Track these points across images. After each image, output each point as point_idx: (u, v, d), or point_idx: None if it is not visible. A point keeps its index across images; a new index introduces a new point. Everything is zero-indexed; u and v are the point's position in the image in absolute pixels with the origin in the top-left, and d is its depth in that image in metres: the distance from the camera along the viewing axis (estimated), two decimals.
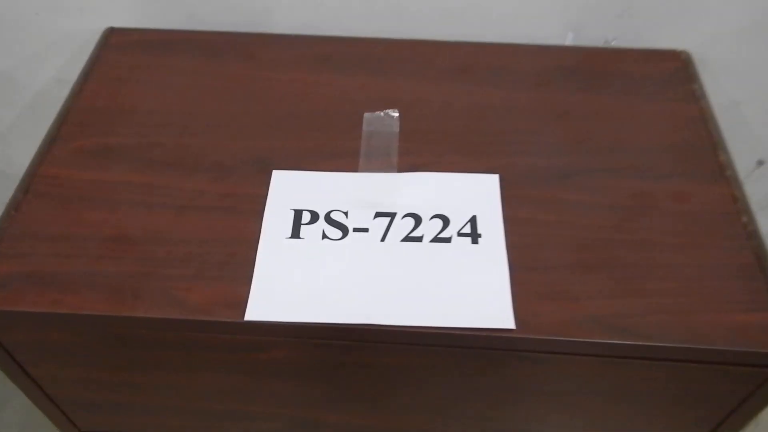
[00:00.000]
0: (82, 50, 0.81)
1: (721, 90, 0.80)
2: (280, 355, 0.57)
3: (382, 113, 0.67)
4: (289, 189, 0.62)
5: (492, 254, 0.56)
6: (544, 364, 0.55)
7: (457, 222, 0.59)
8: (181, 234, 0.58)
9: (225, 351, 0.57)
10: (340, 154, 0.64)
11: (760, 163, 0.97)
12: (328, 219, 0.59)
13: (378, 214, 0.59)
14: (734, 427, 0.60)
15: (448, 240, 0.57)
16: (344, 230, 0.58)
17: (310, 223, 0.59)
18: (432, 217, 0.59)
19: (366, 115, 0.67)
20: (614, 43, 0.79)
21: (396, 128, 0.66)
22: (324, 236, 0.58)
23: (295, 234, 0.58)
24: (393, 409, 0.64)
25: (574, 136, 0.66)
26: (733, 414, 0.58)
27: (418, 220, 0.59)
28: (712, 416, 0.60)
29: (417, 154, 0.64)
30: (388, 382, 0.60)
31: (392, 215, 0.59)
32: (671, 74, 0.72)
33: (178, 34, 0.77)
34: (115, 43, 0.77)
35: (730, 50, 0.81)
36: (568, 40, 0.79)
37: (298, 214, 0.59)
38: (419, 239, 0.58)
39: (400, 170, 0.63)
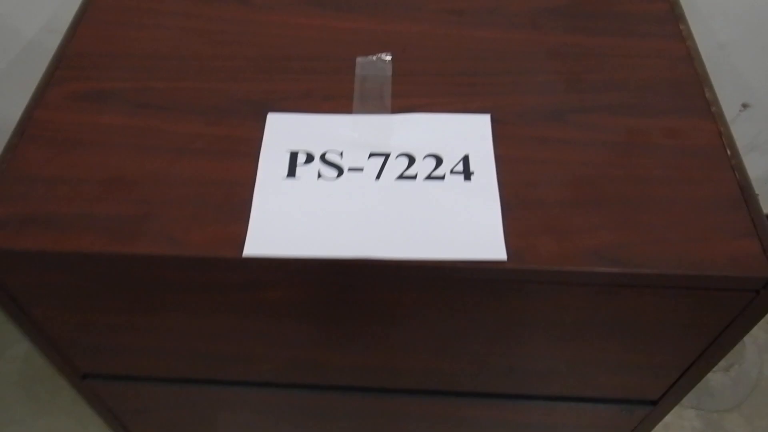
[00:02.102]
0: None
1: (708, 32, 0.81)
2: (278, 294, 0.58)
3: (374, 57, 0.67)
4: (284, 131, 0.62)
5: (484, 191, 0.57)
6: (538, 297, 0.57)
7: (450, 161, 0.60)
8: (178, 176, 0.59)
9: (223, 291, 0.58)
10: (333, 97, 0.65)
11: (745, 106, 0.98)
12: (324, 159, 0.60)
13: (372, 154, 0.60)
14: (720, 353, 0.63)
15: (441, 178, 0.58)
16: (339, 170, 0.59)
17: (306, 163, 0.59)
18: (425, 157, 0.60)
19: (359, 59, 0.67)
20: None
21: (389, 72, 0.66)
22: (320, 176, 0.59)
23: (291, 174, 0.59)
24: (391, 348, 0.66)
25: (566, 75, 0.67)
26: (718, 339, 0.60)
27: (411, 159, 0.60)
28: (698, 343, 0.62)
29: (410, 96, 0.65)
30: (385, 320, 0.62)
31: (386, 155, 0.60)
32: (660, 15, 0.73)
33: None
34: None
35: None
36: None
37: (293, 155, 0.60)
38: (413, 177, 0.58)
39: (394, 112, 0.63)
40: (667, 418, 1.03)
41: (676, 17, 0.73)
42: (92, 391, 0.78)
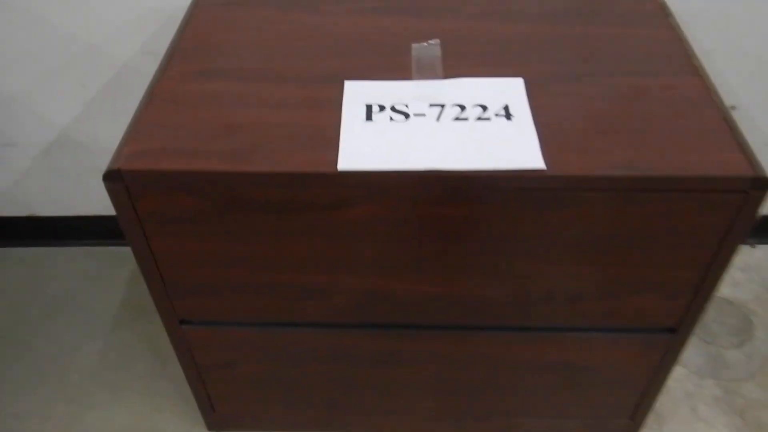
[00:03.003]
0: (168, 24, 0.99)
1: (693, 40, 0.98)
2: (361, 210, 0.72)
3: (426, 43, 0.84)
4: (359, 92, 0.78)
5: (523, 125, 0.72)
6: (570, 206, 0.71)
7: (494, 108, 0.75)
8: (277, 122, 0.74)
9: (316, 210, 0.72)
10: (395, 70, 0.81)
11: (732, 108, 1.14)
12: (393, 109, 0.75)
13: (431, 105, 0.76)
14: (723, 264, 0.75)
15: (488, 119, 0.74)
16: (407, 115, 0.74)
17: (379, 111, 0.75)
18: (474, 106, 0.76)
19: (413, 45, 0.84)
20: None
21: (438, 53, 0.83)
22: (391, 119, 0.74)
23: (369, 118, 0.74)
24: (450, 269, 0.79)
25: (578, 53, 0.84)
26: (721, 248, 0.73)
27: (463, 108, 0.75)
28: (705, 252, 0.74)
29: (457, 68, 0.81)
30: (448, 236, 0.75)
31: (443, 105, 0.76)
32: (650, 11, 0.91)
33: None
34: (203, 4, 0.95)
35: (701, 2, 1.00)
36: None
37: (368, 107, 0.76)
38: (465, 119, 0.74)
39: (446, 78, 0.79)
40: (689, 387, 1.13)
41: (666, 14, 0.90)
42: (185, 339, 0.90)
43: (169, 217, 0.74)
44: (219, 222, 0.74)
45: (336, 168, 0.68)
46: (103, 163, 0.71)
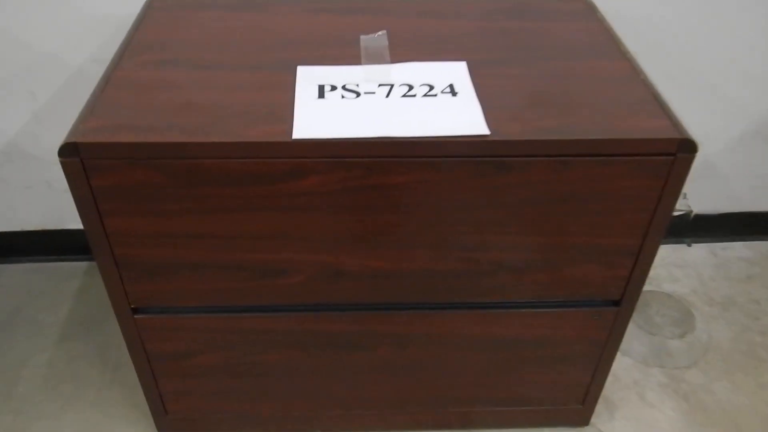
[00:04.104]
0: (119, 32, 1.01)
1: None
2: (314, 180, 0.75)
3: (374, 34, 0.89)
4: (311, 76, 0.82)
5: (467, 99, 0.77)
6: (511, 172, 0.75)
7: (440, 86, 0.80)
8: (234, 102, 0.77)
9: (273, 181, 0.74)
10: (346, 59, 0.85)
11: None
12: (345, 88, 0.79)
13: (381, 85, 0.80)
14: (660, 229, 0.80)
15: (434, 96, 0.78)
16: (357, 93, 0.78)
17: (331, 91, 0.79)
18: (421, 85, 0.80)
19: (362, 36, 0.89)
20: None
21: (385, 42, 0.88)
22: (343, 97, 0.78)
23: (321, 96, 0.78)
24: (398, 243, 0.81)
25: (514, 43, 0.90)
26: (656, 212, 0.78)
27: (411, 87, 0.80)
28: (642, 216, 0.79)
29: (403, 56, 0.86)
30: (396, 207, 0.78)
31: (391, 85, 0.80)
32: (579, 10, 0.98)
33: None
34: (155, 7, 0.98)
35: (627, 3, 1.09)
36: None
37: (321, 87, 0.79)
38: (413, 96, 0.78)
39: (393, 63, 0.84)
40: (636, 375, 1.17)
41: (593, 11, 0.98)
42: (138, 330, 0.90)
43: (124, 194, 0.75)
44: (175, 198, 0.76)
45: (290, 137, 0.71)
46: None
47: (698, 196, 1.40)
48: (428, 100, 0.77)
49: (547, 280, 0.87)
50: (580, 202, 0.78)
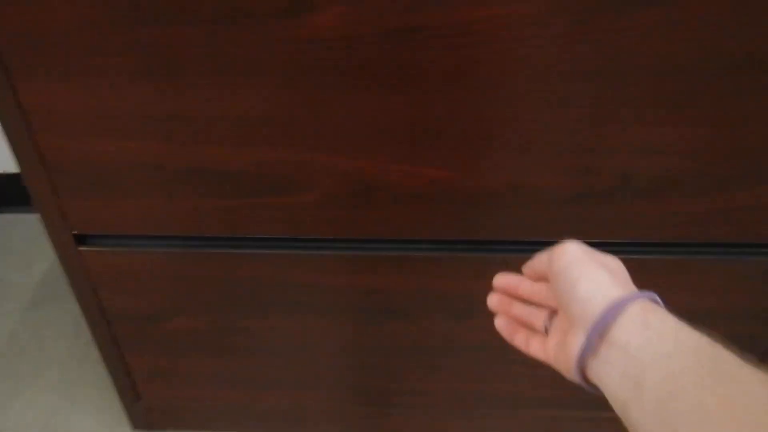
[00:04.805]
0: None
1: None
2: (332, 17, 0.46)
3: None
4: None
5: None
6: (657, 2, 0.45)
7: None
8: None
9: (268, 17, 0.46)
10: None
11: None
12: None
13: None
14: None
15: None
16: None
17: None
18: None
19: None
20: None
21: None
22: None
23: None
24: (469, 137, 0.52)
25: None
26: None
27: None
28: None
29: None
30: (464, 69, 0.49)
31: None
32: None
33: None
34: None
35: None
36: None
37: None
38: None
39: None
40: None
41: None
42: (88, 271, 0.63)
43: (44, 41, 0.48)
44: (120, 49, 0.48)
45: None
46: None
47: None
48: None
49: (706, 210, 0.55)
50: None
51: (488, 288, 0.42)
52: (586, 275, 0.34)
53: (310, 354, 0.70)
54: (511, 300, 0.41)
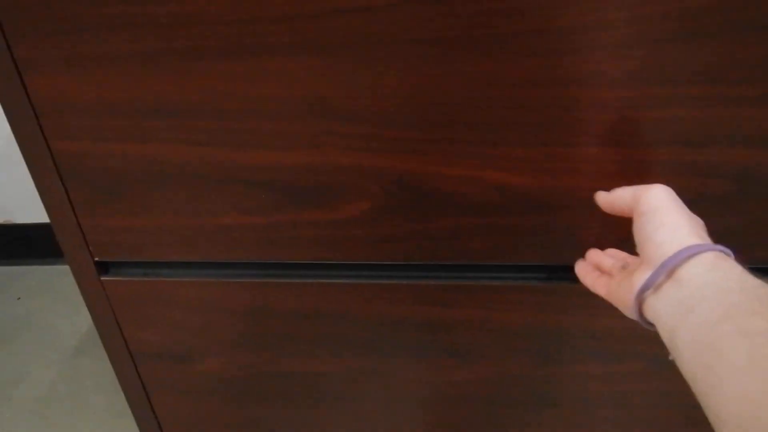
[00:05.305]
0: None
1: None
2: None
3: None
4: None
5: None
6: None
7: None
8: None
9: None
10: None
11: None
12: None
13: None
14: None
15: None
16: None
17: None
18: None
19: None
20: None
21: None
22: None
23: None
24: (552, 129, 0.42)
25: None
26: None
27: None
28: None
29: None
30: (550, 41, 0.39)
31: None
32: None
33: None
34: None
35: None
36: None
37: None
38: None
39: None
40: None
41: None
42: (112, 304, 0.55)
43: (38, 24, 0.42)
44: (124, 36, 0.42)
45: None
46: None
47: None
48: None
49: None
50: None
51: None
52: (669, 222, 0.35)
53: (369, 404, 0.59)
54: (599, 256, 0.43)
